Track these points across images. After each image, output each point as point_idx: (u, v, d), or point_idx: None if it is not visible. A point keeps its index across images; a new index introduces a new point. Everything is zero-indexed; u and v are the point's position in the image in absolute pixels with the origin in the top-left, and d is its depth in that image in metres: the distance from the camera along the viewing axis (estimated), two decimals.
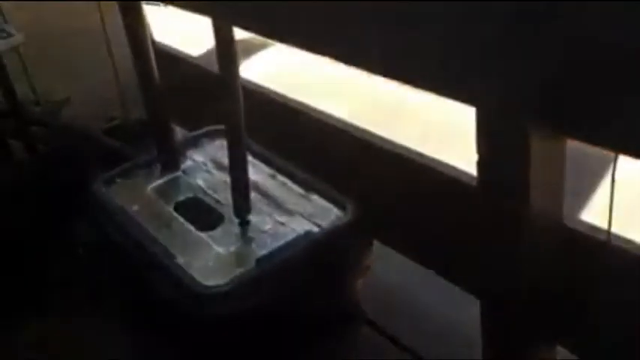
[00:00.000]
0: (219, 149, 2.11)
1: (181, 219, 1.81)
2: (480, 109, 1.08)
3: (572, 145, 1.16)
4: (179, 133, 2.60)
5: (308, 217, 1.76)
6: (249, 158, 1.91)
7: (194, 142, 2.16)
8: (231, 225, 1.79)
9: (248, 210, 1.76)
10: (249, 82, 2.06)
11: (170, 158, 2.04)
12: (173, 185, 1.99)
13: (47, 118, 2.24)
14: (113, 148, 2.25)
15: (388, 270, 1.85)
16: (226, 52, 1.60)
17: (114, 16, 2.15)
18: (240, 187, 1.75)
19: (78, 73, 2.43)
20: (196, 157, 2.10)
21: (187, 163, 2.07)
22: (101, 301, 1.97)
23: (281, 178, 1.93)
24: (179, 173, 2.03)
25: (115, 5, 1.77)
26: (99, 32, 2.43)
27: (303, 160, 1.94)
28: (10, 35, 1.62)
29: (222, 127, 2.14)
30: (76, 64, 2.41)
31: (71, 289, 1.99)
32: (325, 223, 1.71)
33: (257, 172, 1.95)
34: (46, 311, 1.99)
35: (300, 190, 1.87)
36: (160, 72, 2.32)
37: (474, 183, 1.30)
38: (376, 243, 1.78)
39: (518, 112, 0.99)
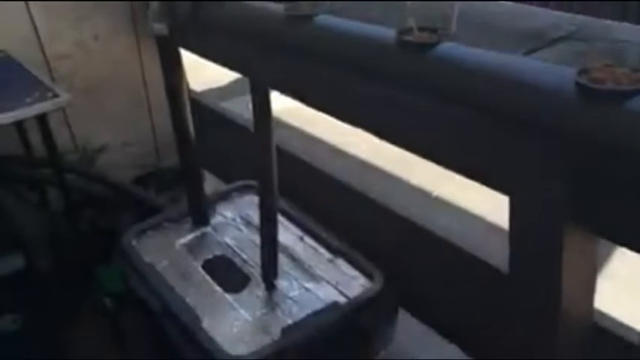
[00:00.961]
0: (249, 205, 2.13)
1: (209, 278, 1.82)
2: (514, 198, 1.07)
3: None
4: (211, 180, 2.65)
5: (335, 285, 1.75)
6: (279, 218, 1.93)
7: (225, 197, 2.18)
8: (258, 288, 1.79)
9: (275, 275, 1.76)
10: (284, 142, 2.08)
11: (200, 213, 2.05)
12: (202, 241, 2.00)
13: (82, 167, 2.29)
14: (144, 198, 2.28)
15: (410, 341, 1.82)
16: (262, 111, 1.61)
17: (153, 66, 2.21)
18: (269, 251, 1.76)
19: (116, 121, 2.48)
20: (226, 212, 2.12)
21: (217, 219, 2.09)
22: (123, 354, 1.98)
23: (309, 240, 1.93)
24: (208, 229, 2.04)
25: (155, 55, 1.80)
26: (139, 82, 2.50)
27: (332, 222, 1.94)
28: (56, 96, 1.66)
29: (252, 182, 2.17)
30: (114, 113, 2.46)
31: (95, 340, 2.00)
32: (352, 293, 1.70)
33: (286, 233, 1.95)
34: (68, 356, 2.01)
35: (328, 255, 1.86)
36: (197, 121, 2.37)
37: (506, 268, 1.28)
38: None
39: (555, 210, 0.98)
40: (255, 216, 1.99)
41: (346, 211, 1.93)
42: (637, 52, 0.97)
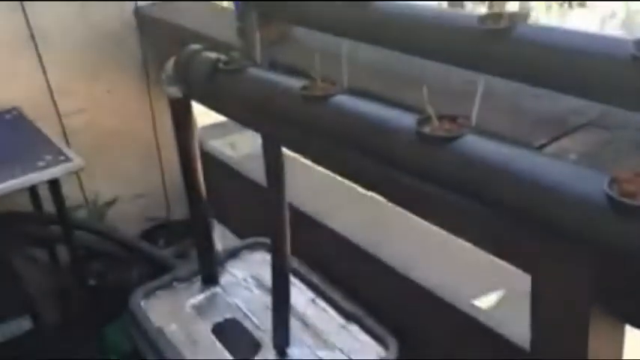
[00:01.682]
0: (260, 264, 2.09)
1: (219, 344, 1.78)
2: (536, 277, 1.04)
3: None
4: (224, 233, 2.62)
5: (347, 354, 1.70)
6: (291, 279, 1.90)
7: (235, 255, 2.15)
8: (269, 353, 1.75)
9: (287, 342, 1.72)
10: (298, 201, 2.05)
11: (211, 272, 2.03)
12: (212, 303, 1.96)
13: (91, 223, 2.27)
14: (152, 254, 2.26)
15: None
16: (274, 168, 1.58)
17: (165, 118, 2.20)
18: (281, 316, 1.72)
19: (127, 173, 2.47)
20: (237, 271, 2.08)
21: (227, 278, 2.06)
22: None
23: (321, 303, 1.89)
24: (218, 289, 2.01)
25: (167, 108, 1.80)
26: (150, 135, 2.50)
27: (344, 283, 1.91)
28: (68, 160, 1.64)
29: (264, 239, 2.15)
30: (125, 165, 2.46)
31: None
32: None
33: (297, 294, 1.92)
34: None
35: (341, 320, 1.82)
36: (209, 174, 2.36)
37: (527, 346, 1.24)
38: None
39: (581, 293, 0.95)
40: (266, 276, 1.95)
41: (359, 272, 1.89)
42: None
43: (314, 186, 2.12)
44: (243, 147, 2.63)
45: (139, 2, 2.29)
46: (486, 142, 0.91)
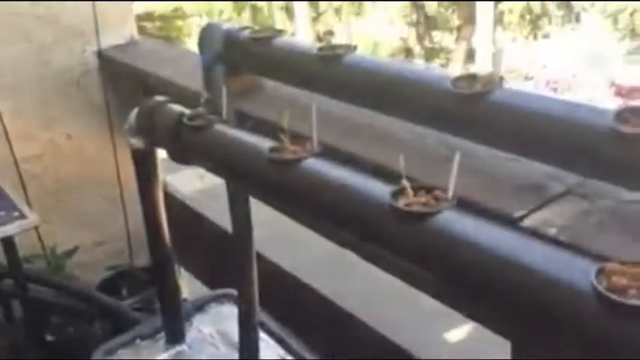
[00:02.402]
0: (228, 318, 2.00)
1: None
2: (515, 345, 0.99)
3: None
4: (191, 282, 2.53)
5: None
6: (260, 334, 1.82)
7: (202, 308, 2.06)
8: None
9: None
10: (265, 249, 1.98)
11: (175, 329, 1.93)
12: None
13: (47, 276, 2.16)
14: (112, 306, 2.15)
15: None
16: (241, 217, 1.51)
17: (128, 163, 2.12)
18: None
19: (88, 220, 2.38)
20: (203, 326, 1.99)
21: (194, 334, 1.96)
22: None
23: None
24: (184, 347, 1.91)
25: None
26: (113, 180, 2.41)
27: (316, 341, 1.84)
28: (23, 216, 1.55)
29: (232, 290, 2.07)
30: (86, 212, 2.36)
31: None
32: None
33: (266, 350, 1.84)
34: None
35: None
36: (175, 222, 2.27)
37: None
38: None
39: None
40: (235, 331, 1.87)
41: (333, 330, 1.83)
42: None
43: (288, 236, 2.06)
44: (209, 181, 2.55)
45: (102, 45, 2.22)
46: (465, 219, 0.86)
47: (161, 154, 1.77)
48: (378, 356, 1.64)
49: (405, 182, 0.91)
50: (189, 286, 2.60)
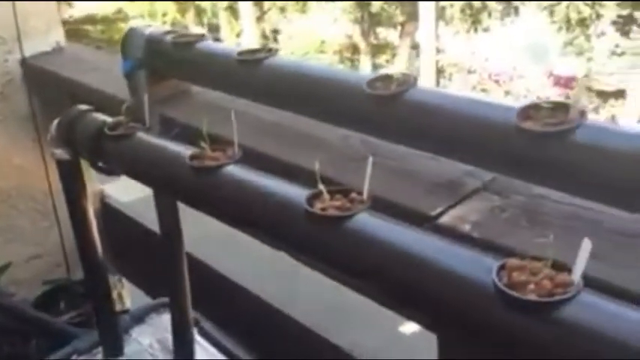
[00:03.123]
0: (167, 327, 1.97)
1: None
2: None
3: None
4: (133, 293, 2.48)
5: None
6: (198, 339, 1.81)
7: (140, 319, 2.02)
8: None
9: None
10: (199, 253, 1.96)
11: (113, 342, 1.89)
12: None
13: None
14: (48, 322, 2.09)
15: None
16: (168, 218, 1.47)
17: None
18: None
19: (20, 235, 2.30)
20: (142, 338, 1.95)
21: (133, 346, 1.92)
22: None
23: None
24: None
25: None
26: (45, 192, 2.34)
27: (255, 342, 1.83)
28: None
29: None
30: (18, 226, 2.28)
31: None
32: None
33: (204, 356, 1.82)
34: None
35: None
36: (113, 232, 2.23)
37: None
38: None
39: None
40: None
41: (270, 330, 1.82)
42: (554, 210, 0.94)
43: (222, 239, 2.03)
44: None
45: (26, 53, 2.15)
46: (378, 220, 0.87)
47: None
48: (314, 355, 1.65)
49: (321, 186, 0.91)
50: (132, 297, 2.55)
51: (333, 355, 1.57)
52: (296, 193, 0.94)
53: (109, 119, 1.35)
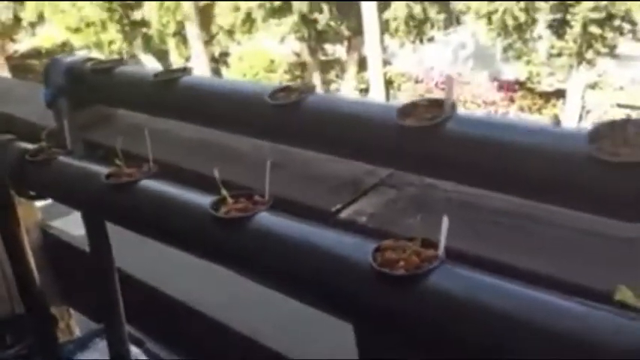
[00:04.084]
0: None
1: None
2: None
3: None
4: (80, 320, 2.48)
5: None
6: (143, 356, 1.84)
7: (83, 345, 2.03)
8: None
9: None
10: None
11: None
12: None
13: None
14: None
15: None
16: (97, 235, 1.49)
17: None
18: None
19: None
20: None
21: None
22: None
23: None
24: None
25: None
26: None
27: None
28: None
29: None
30: None
31: None
32: None
33: None
34: None
35: None
36: (56, 259, 2.23)
37: None
38: None
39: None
40: None
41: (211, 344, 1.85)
42: (442, 198, 1.02)
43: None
44: None
45: None
46: (278, 218, 0.93)
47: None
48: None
49: (223, 192, 0.97)
50: (81, 325, 2.54)
51: None
52: (203, 200, 1.00)
53: (30, 146, 1.39)
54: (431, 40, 13.91)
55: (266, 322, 1.77)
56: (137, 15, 17.34)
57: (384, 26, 13.77)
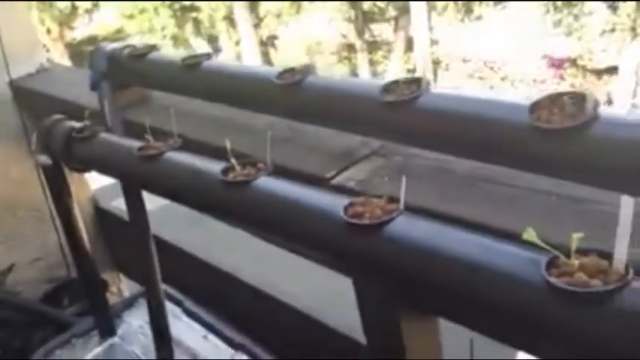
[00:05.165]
0: None
1: None
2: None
3: None
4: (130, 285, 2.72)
5: None
6: (184, 318, 2.04)
7: (131, 304, 2.25)
8: None
9: None
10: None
11: (106, 324, 2.12)
12: (110, 353, 2.06)
13: None
14: (53, 315, 2.33)
15: None
16: (135, 206, 1.68)
17: None
18: (165, 354, 1.84)
19: (22, 239, 2.54)
20: (132, 320, 2.19)
21: (124, 328, 2.16)
22: None
23: (212, 338, 2.02)
24: (116, 340, 2.11)
25: None
26: (41, 199, 2.58)
27: (233, 315, 2.05)
28: None
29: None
30: (20, 232, 2.52)
31: None
32: None
33: (190, 332, 2.04)
34: None
35: (231, 351, 1.95)
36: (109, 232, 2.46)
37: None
38: None
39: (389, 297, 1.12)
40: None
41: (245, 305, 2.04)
42: (423, 165, 1.15)
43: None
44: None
45: (13, 75, 2.39)
46: (277, 182, 1.09)
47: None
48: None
49: (232, 160, 1.14)
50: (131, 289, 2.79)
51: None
52: (216, 167, 1.16)
53: (77, 124, 1.59)
54: (479, 18, 13.70)
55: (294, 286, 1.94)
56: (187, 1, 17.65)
57: (431, 5, 13.65)
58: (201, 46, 17.67)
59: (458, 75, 13.36)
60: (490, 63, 12.62)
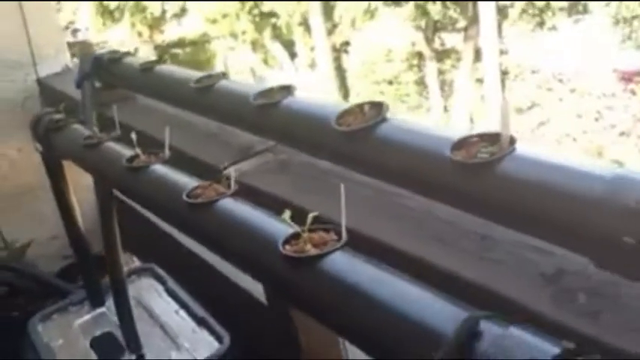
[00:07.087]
0: (144, 287, 2.46)
1: (94, 354, 2.15)
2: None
3: None
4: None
5: (192, 351, 2.06)
6: (163, 295, 2.29)
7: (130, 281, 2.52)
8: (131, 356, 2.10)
9: (139, 347, 2.08)
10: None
11: (97, 295, 2.39)
12: (96, 321, 2.33)
13: (10, 262, 2.66)
14: (62, 286, 2.64)
15: None
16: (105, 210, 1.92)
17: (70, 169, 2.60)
18: (128, 327, 2.07)
19: (42, 218, 2.87)
20: None
21: (112, 299, 2.42)
22: None
23: (183, 313, 2.25)
24: (104, 310, 2.38)
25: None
26: None
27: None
28: None
29: (150, 265, 2.53)
30: (40, 211, 2.86)
31: None
32: (202, 356, 2.01)
33: (165, 307, 2.29)
34: None
35: (193, 325, 2.17)
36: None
37: None
38: None
39: None
40: (147, 297, 2.35)
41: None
42: (300, 160, 1.32)
43: None
44: None
45: (40, 74, 2.73)
46: (168, 170, 1.29)
47: None
48: None
49: (137, 151, 1.35)
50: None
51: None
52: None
53: (56, 117, 1.86)
54: (552, 29, 13.37)
55: None
56: (267, 6, 18.15)
57: (502, 14, 13.46)
58: (278, 51, 18.19)
59: (526, 86, 13.09)
60: (559, 75, 12.29)
